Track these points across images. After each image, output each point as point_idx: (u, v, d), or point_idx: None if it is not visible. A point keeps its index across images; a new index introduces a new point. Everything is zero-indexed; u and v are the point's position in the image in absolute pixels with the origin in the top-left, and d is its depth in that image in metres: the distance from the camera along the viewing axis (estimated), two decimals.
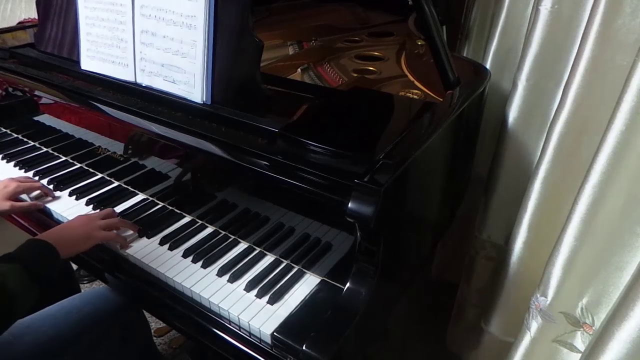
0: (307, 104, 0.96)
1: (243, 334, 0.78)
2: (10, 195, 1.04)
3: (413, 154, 0.79)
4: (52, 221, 1.07)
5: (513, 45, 1.22)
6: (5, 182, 1.07)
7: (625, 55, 0.83)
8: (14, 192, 1.05)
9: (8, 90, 1.28)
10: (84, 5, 1.10)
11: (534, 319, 0.98)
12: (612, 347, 0.73)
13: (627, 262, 0.85)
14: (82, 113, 1.12)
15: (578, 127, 0.93)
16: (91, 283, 1.84)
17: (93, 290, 1.04)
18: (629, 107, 0.75)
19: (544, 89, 1.09)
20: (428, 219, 1.06)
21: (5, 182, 1.07)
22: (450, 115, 0.94)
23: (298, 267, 0.88)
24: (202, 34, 0.91)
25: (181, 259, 0.91)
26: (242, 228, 0.94)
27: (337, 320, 0.74)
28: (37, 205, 1.07)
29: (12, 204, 1.04)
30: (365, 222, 0.70)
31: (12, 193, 1.05)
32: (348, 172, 0.73)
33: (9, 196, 1.04)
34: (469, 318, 1.39)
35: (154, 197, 1.08)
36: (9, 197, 1.04)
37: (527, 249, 1.10)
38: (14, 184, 1.06)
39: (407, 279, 0.99)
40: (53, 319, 0.93)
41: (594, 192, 0.82)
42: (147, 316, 1.10)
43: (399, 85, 1.18)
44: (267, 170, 0.81)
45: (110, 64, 1.08)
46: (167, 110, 0.98)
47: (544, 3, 1.00)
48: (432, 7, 0.95)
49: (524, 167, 1.17)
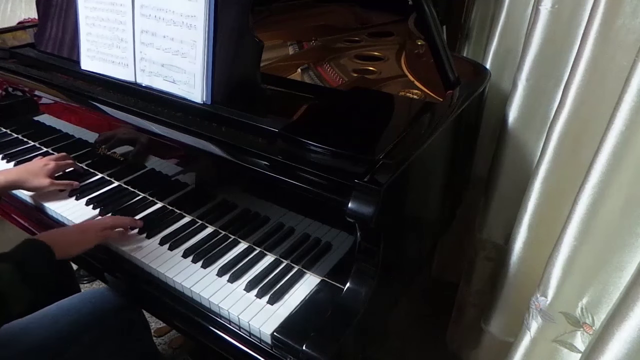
0: (307, 104, 0.96)
1: (243, 334, 0.78)
2: (51, 173, 1.09)
3: (413, 154, 0.79)
4: (52, 221, 1.07)
5: (513, 45, 1.22)
6: (44, 160, 1.12)
7: (625, 55, 0.83)
8: (54, 170, 1.10)
9: (8, 90, 1.28)
10: (84, 5, 1.10)
11: (534, 319, 0.98)
12: (612, 347, 0.73)
13: (627, 262, 0.85)
14: (82, 113, 1.12)
15: (578, 127, 0.93)
16: (91, 283, 1.84)
17: (93, 290, 1.04)
18: (629, 107, 0.75)
19: (544, 89, 1.09)
20: (428, 219, 1.06)
21: (45, 161, 1.12)
22: (450, 115, 0.94)
23: (298, 267, 0.88)
24: (202, 34, 0.91)
25: (181, 259, 0.91)
26: (242, 228, 0.94)
27: (337, 320, 0.75)
28: (72, 184, 1.11)
29: (51, 181, 1.08)
30: (365, 222, 0.70)
31: (52, 171, 1.10)
32: (348, 172, 0.74)
33: (50, 174, 1.09)
34: (469, 318, 1.39)
35: (154, 197, 1.08)
36: (49, 175, 1.09)
37: (527, 249, 1.10)
38: (53, 163, 1.11)
39: (407, 278, 0.99)
40: (53, 319, 0.93)
41: (594, 192, 0.82)
42: (147, 316, 1.10)
43: (399, 85, 1.18)
44: (267, 170, 0.81)
45: (110, 64, 1.08)
46: (167, 110, 0.98)
47: (544, 3, 1.00)
48: (432, 7, 0.95)
49: (524, 167, 1.17)
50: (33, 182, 1.07)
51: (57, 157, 1.15)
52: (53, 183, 1.08)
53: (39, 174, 1.08)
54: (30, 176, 1.07)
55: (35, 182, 1.07)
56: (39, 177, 1.07)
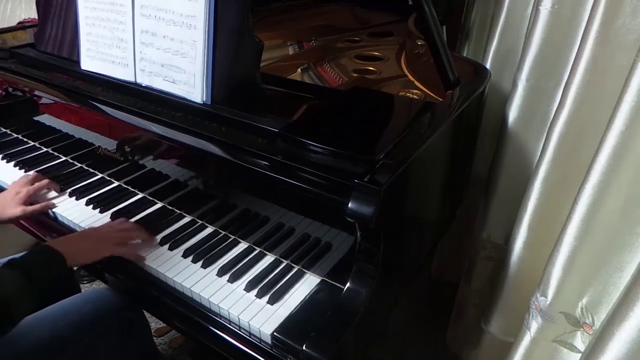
0: (307, 104, 0.96)
1: (243, 334, 0.78)
2: (23, 201, 1.05)
3: (413, 154, 0.79)
4: (51, 221, 1.07)
5: (513, 45, 1.22)
6: (16, 188, 1.08)
7: (625, 55, 0.83)
8: (25, 197, 1.06)
9: (8, 90, 1.28)
10: (84, 5, 1.10)
11: (534, 319, 0.98)
12: (612, 347, 0.73)
13: (627, 262, 0.85)
14: (82, 113, 1.12)
15: (578, 127, 0.93)
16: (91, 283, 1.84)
17: (93, 290, 1.04)
18: (629, 107, 0.75)
19: (544, 89, 1.09)
20: (428, 219, 1.06)
21: (17, 189, 1.07)
22: (450, 115, 0.94)
23: (298, 267, 0.88)
24: (202, 34, 0.91)
25: (181, 259, 0.91)
26: (242, 228, 0.94)
27: (337, 320, 0.75)
28: (48, 206, 1.07)
29: (23, 209, 1.04)
30: (365, 222, 0.70)
31: (24, 199, 1.05)
32: (348, 172, 0.74)
33: (22, 202, 1.05)
34: (469, 318, 1.39)
35: (154, 197, 1.08)
36: (22, 203, 1.05)
37: (527, 249, 1.10)
38: (25, 189, 1.06)
39: (407, 278, 0.99)
40: (53, 319, 0.93)
41: (594, 192, 0.82)
42: (147, 316, 1.10)
43: (399, 85, 1.18)
44: (267, 170, 0.81)
45: (110, 64, 1.08)
46: (167, 110, 0.98)
47: (544, 3, 1.00)
48: (432, 7, 0.95)
49: (524, 167, 1.17)
50: (4, 214, 1.04)
51: (29, 181, 1.10)
52: (25, 210, 1.04)
53: (11, 205, 1.04)
54: (0, 209, 1.04)
55: (7, 213, 1.04)
56: (9, 208, 1.04)
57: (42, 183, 1.10)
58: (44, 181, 1.11)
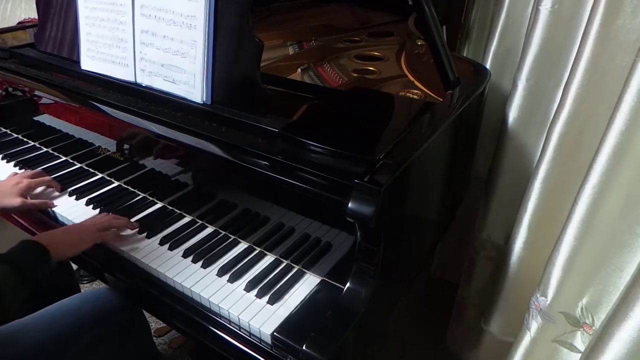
0: (307, 104, 0.96)
1: (243, 334, 0.78)
2: (23, 192, 1.04)
3: (413, 154, 0.79)
4: (51, 220, 1.07)
5: (513, 45, 1.22)
6: (17, 178, 1.07)
7: (625, 55, 0.83)
8: (26, 189, 1.05)
9: (8, 90, 1.28)
10: (84, 5, 1.10)
11: (534, 319, 0.98)
12: (612, 347, 0.73)
13: (627, 262, 0.84)
14: (82, 113, 1.12)
15: (578, 127, 0.93)
16: (91, 283, 1.84)
17: (93, 290, 1.04)
18: (629, 107, 0.75)
19: (544, 89, 1.09)
20: (428, 219, 1.06)
21: (17, 179, 1.07)
22: (450, 116, 0.94)
23: (298, 267, 0.88)
24: (202, 34, 0.91)
25: (181, 259, 0.91)
26: (242, 228, 0.94)
27: (337, 320, 0.75)
28: (47, 204, 1.06)
29: (23, 200, 1.03)
30: (365, 222, 0.70)
31: (24, 190, 1.05)
32: (348, 172, 0.74)
33: (21, 193, 1.04)
34: (469, 318, 1.39)
35: (154, 197, 1.08)
36: (21, 194, 1.04)
37: (527, 249, 1.10)
38: (25, 181, 1.06)
39: (407, 278, 0.99)
40: (53, 319, 0.93)
41: (594, 192, 0.82)
42: (147, 316, 1.10)
43: (399, 85, 1.18)
44: (267, 170, 0.81)
45: (110, 63, 1.08)
46: (167, 110, 0.98)
47: (544, 3, 1.00)
48: (432, 7, 0.95)
49: (524, 167, 1.17)
50: (2, 201, 1.02)
51: (32, 174, 1.09)
52: (25, 203, 1.03)
53: (9, 194, 1.02)
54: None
55: (4, 201, 1.02)
56: (8, 197, 1.02)
57: (44, 178, 1.10)
58: (46, 177, 1.11)
